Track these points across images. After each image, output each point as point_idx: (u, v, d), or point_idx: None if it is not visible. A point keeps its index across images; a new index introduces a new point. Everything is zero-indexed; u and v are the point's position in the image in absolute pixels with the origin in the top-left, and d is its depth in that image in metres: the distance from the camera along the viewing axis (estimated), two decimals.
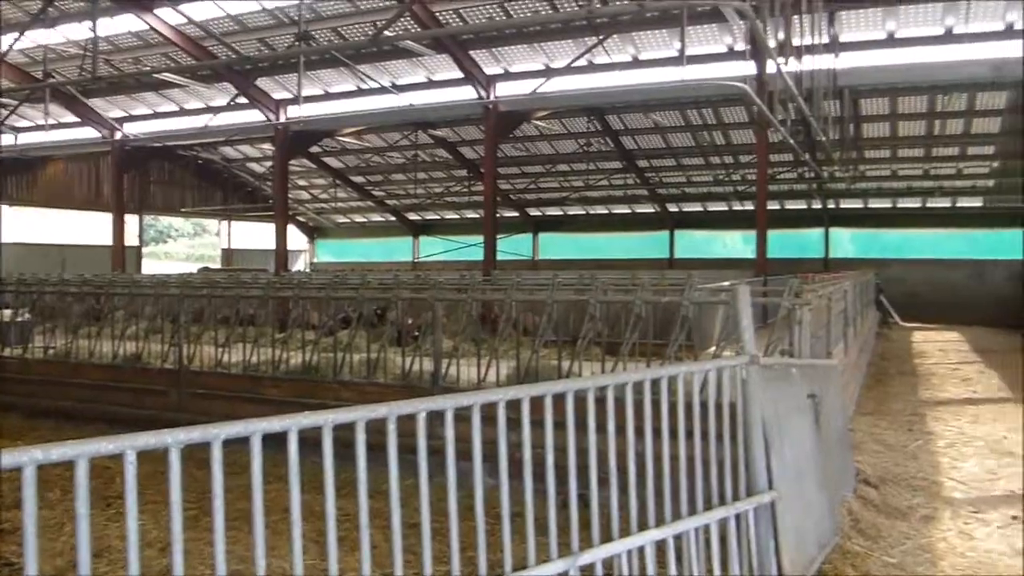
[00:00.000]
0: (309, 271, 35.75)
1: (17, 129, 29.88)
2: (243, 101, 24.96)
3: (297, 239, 38.85)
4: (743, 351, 4.54)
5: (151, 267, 37.20)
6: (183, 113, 28.24)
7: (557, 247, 34.75)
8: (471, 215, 34.43)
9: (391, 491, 3.01)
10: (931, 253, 28.80)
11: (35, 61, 23.93)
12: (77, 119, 28.16)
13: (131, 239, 31.73)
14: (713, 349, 8.27)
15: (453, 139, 28.26)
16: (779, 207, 29.34)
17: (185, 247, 59.15)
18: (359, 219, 38.54)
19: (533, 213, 34.64)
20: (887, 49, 18.91)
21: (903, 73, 19.34)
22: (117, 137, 28.45)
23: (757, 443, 4.44)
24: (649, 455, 3.89)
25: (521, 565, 3.38)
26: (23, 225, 30.12)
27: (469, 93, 22.41)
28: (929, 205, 28.75)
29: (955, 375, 15.22)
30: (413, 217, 36.97)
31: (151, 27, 21.11)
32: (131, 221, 31.68)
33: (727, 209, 31.19)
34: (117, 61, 24.06)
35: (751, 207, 25.46)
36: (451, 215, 36.05)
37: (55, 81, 23.05)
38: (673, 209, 32.32)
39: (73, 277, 15.24)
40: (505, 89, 22.39)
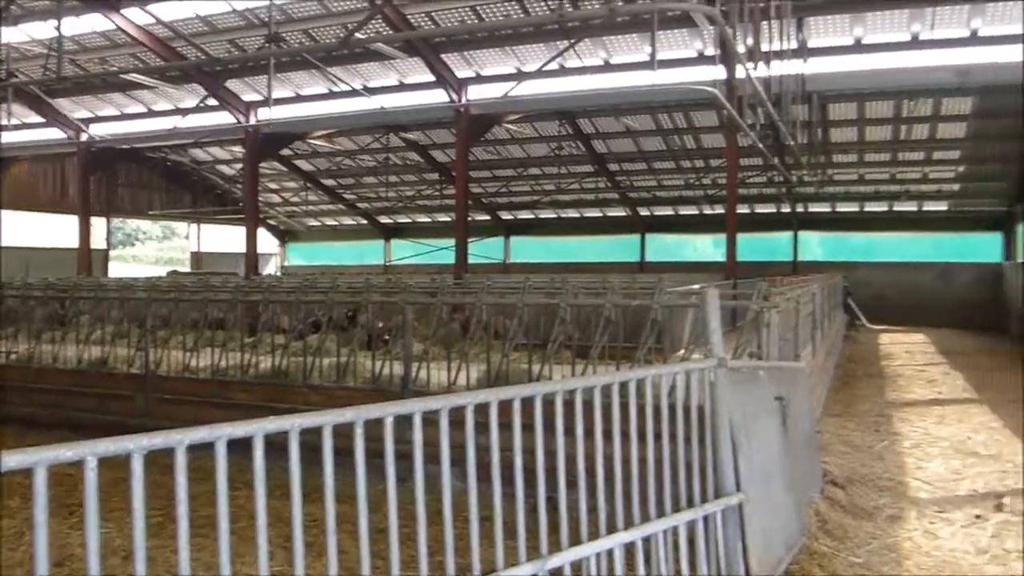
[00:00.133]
0: (280, 275, 35.47)
1: None
2: (213, 103, 24.71)
3: (268, 242, 38.52)
4: (711, 354, 4.58)
5: (119, 270, 36.70)
6: (151, 114, 27.88)
7: (529, 251, 34.78)
8: (443, 218, 34.37)
9: (358, 496, 3.00)
10: (898, 256, 29.24)
11: None
12: (42, 119, 27.73)
13: (98, 242, 31.28)
14: (682, 352, 8.32)
15: (425, 142, 28.19)
16: (749, 211, 29.59)
17: (154, 250, 58.51)
18: (330, 222, 38.32)
19: (505, 216, 34.65)
20: (854, 55, 19.15)
21: (870, 78, 19.61)
22: (83, 138, 28.06)
23: (725, 445, 4.47)
24: (618, 458, 3.91)
25: (490, 569, 3.37)
26: None
27: (441, 96, 22.38)
28: (896, 209, 29.17)
29: (921, 376, 15.43)
30: (384, 220, 36.83)
31: (118, 27, 20.80)
32: (98, 224, 31.22)
33: (698, 213, 31.38)
34: (83, 61, 23.72)
35: (721, 211, 25.66)
36: (423, 218, 35.97)
37: (18, 81, 22.66)
38: (644, 213, 32.48)
39: (37, 280, 14.98)
40: (477, 92, 22.39)
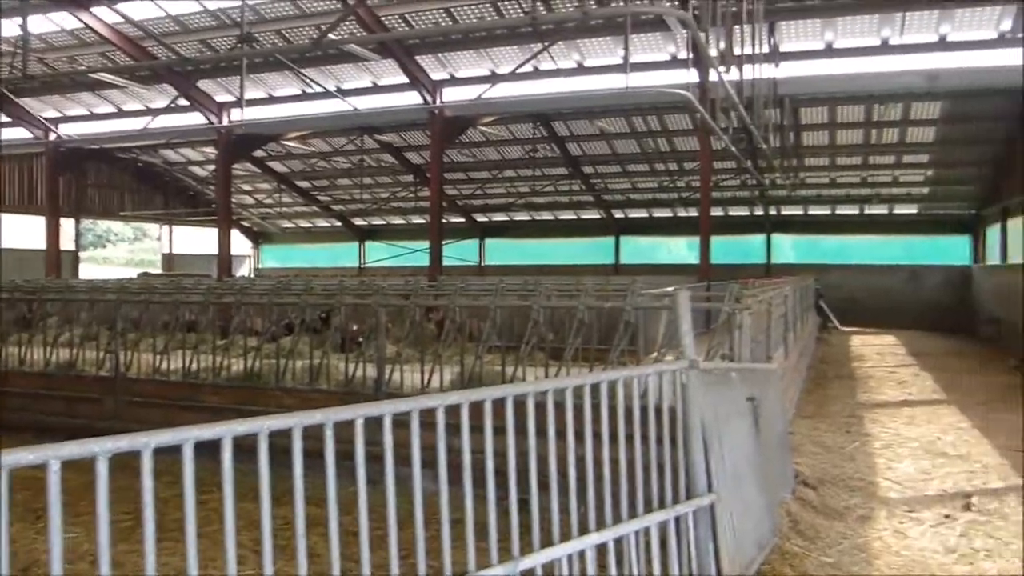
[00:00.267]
0: (253, 277, 35.20)
1: None
2: (184, 103, 24.45)
3: (241, 244, 38.21)
4: (683, 356, 4.60)
5: (89, 272, 36.22)
6: (122, 115, 27.56)
7: (504, 253, 34.79)
8: (417, 220, 34.31)
9: (328, 498, 2.98)
10: (869, 259, 29.59)
11: None
12: (8, 119, 27.30)
13: (68, 243, 30.86)
14: (655, 354, 8.35)
15: (399, 144, 28.13)
16: (722, 213, 29.82)
17: (125, 252, 57.90)
18: (304, 224, 38.10)
19: (480, 219, 34.65)
20: (826, 59, 19.35)
21: (841, 82, 19.82)
22: (52, 138, 27.67)
23: (696, 446, 4.49)
24: (590, 459, 3.91)
25: (462, 571, 3.36)
26: None
27: (415, 98, 22.34)
28: (867, 212, 29.55)
29: (892, 378, 15.61)
30: (359, 222, 36.68)
31: (87, 25, 20.57)
32: (67, 225, 30.81)
33: (672, 215, 31.57)
34: (51, 60, 23.38)
35: (695, 213, 25.80)
36: (397, 220, 35.87)
37: None
38: (619, 215, 32.63)
39: (4, 282, 14.75)
40: (451, 94, 22.38)
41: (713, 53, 12.28)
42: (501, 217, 34.40)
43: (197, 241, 37.78)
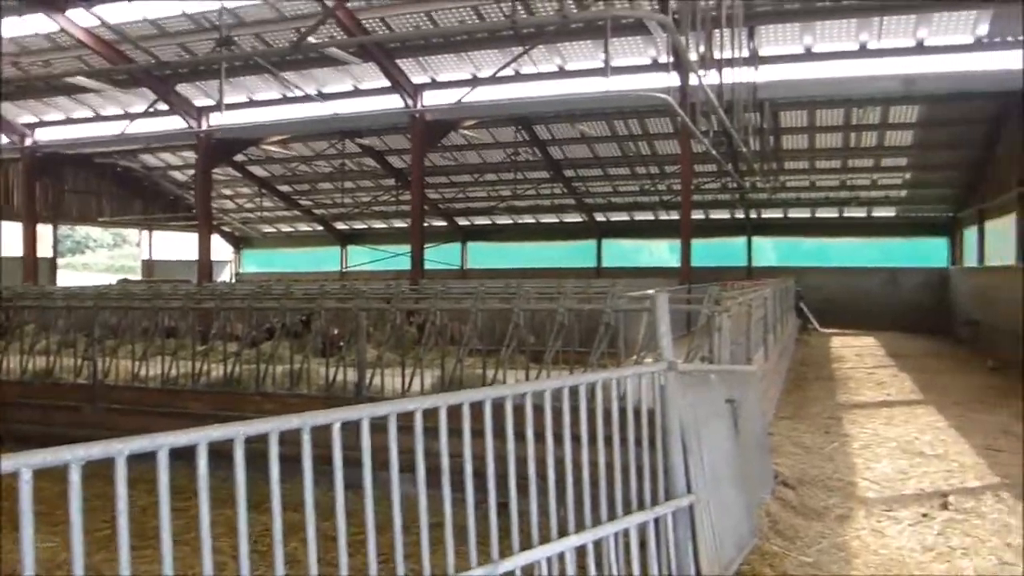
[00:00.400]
0: (234, 282, 34.99)
1: None
2: (163, 107, 24.29)
3: (222, 249, 37.98)
4: (661, 358, 4.61)
5: (68, 279, 35.88)
6: (100, 119, 27.31)
7: (486, 256, 34.78)
8: (399, 224, 34.21)
9: (306, 503, 2.97)
10: (848, 261, 29.83)
11: None
12: None
13: (45, 250, 30.55)
14: (635, 357, 8.38)
15: (381, 148, 28.07)
16: (703, 216, 29.95)
17: (105, 258, 57.38)
18: (286, 229, 37.92)
19: (462, 222, 34.63)
20: (805, 63, 19.52)
21: (820, 86, 20.02)
22: (28, 143, 27.40)
23: (675, 448, 4.51)
24: (568, 462, 3.92)
25: (441, 574, 3.36)
26: None
27: (396, 102, 22.31)
28: (846, 215, 29.77)
29: (870, 379, 15.73)
30: (341, 227, 36.54)
31: (62, 28, 20.39)
32: (45, 231, 30.50)
33: (653, 218, 31.69)
34: (26, 64, 23.17)
35: (676, 216, 25.93)
36: (379, 224, 35.76)
37: None
38: (600, 218, 32.70)
39: None
40: (432, 98, 22.37)
41: (693, 57, 12.33)
42: (483, 221, 34.39)
43: (178, 247, 37.52)
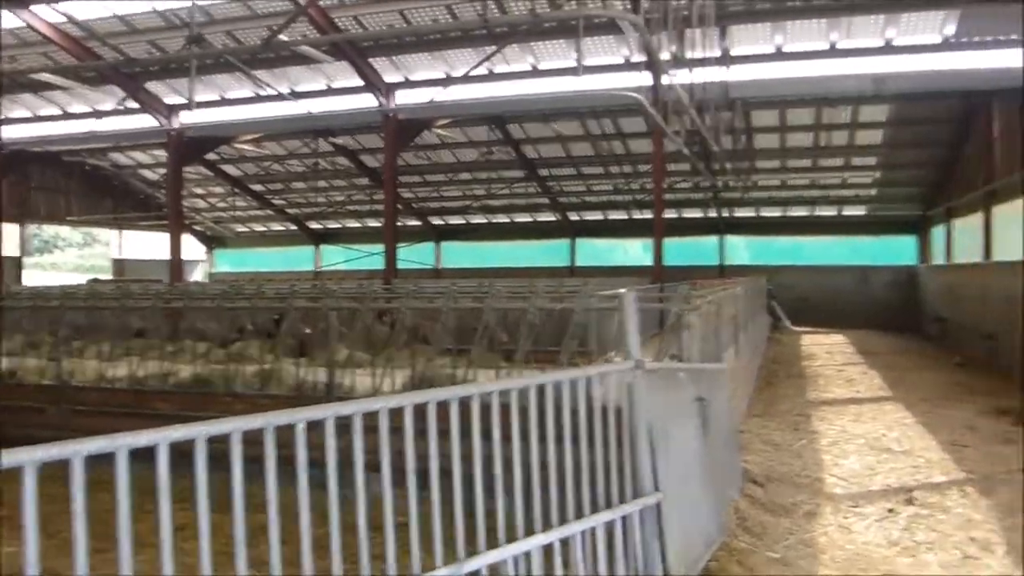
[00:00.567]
0: (205, 281, 34.67)
1: None
2: (133, 105, 24.01)
3: (194, 249, 37.64)
4: (629, 357, 4.63)
5: (35, 279, 35.35)
6: (67, 117, 26.93)
7: (460, 256, 34.72)
8: (373, 224, 34.09)
9: (269, 504, 2.94)
10: (819, 259, 30.16)
11: None
12: None
13: (12, 249, 30.08)
14: (607, 356, 8.41)
15: (354, 147, 27.93)
16: (676, 215, 30.11)
17: (74, 258, 56.56)
18: (259, 228, 37.63)
19: (436, 222, 34.55)
20: (776, 62, 19.66)
21: (791, 85, 20.17)
22: None
23: (642, 446, 4.53)
24: (535, 461, 3.92)
25: (407, 574, 3.35)
26: None
27: (369, 101, 22.21)
28: (816, 213, 30.07)
29: (840, 376, 15.90)
30: (314, 226, 36.33)
31: (28, 24, 20.07)
32: (11, 230, 30.04)
33: (627, 218, 31.80)
34: None
35: (650, 215, 26.07)
36: (353, 224, 35.61)
37: None
38: (574, 218, 32.76)
39: None
40: (405, 97, 22.29)
41: (665, 56, 12.40)
42: (457, 220, 34.33)
43: (149, 246, 37.10)
